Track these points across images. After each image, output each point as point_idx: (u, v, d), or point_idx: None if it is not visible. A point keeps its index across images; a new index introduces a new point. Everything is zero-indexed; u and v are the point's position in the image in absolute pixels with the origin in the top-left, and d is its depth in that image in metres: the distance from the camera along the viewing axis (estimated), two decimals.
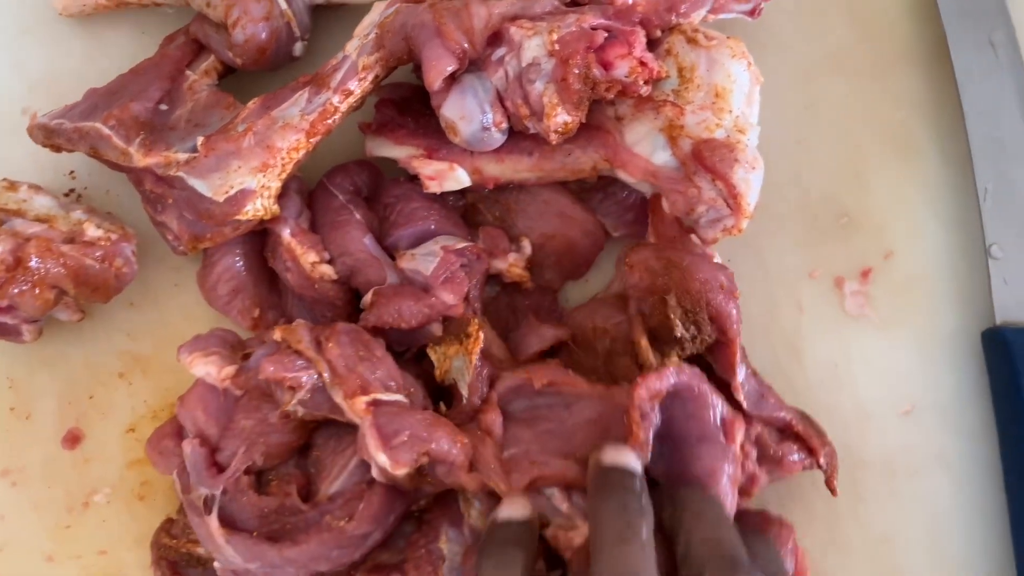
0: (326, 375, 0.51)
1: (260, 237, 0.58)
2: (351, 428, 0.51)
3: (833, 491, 0.56)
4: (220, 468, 0.53)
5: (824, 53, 0.64)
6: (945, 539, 0.59)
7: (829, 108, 0.63)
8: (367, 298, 0.54)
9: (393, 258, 0.56)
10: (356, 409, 0.50)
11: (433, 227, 0.56)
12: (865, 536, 0.59)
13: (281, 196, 0.55)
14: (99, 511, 0.59)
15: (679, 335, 0.52)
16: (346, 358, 0.51)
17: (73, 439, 0.59)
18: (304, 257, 0.55)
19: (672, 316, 0.52)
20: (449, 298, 0.53)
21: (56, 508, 0.59)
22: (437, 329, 0.54)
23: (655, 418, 0.51)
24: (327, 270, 0.55)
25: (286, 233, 0.56)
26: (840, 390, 0.61)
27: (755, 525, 0.55)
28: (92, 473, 0.59)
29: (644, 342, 0.53)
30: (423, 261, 0.54)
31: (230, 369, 0.53)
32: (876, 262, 0.62)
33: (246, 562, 0.52)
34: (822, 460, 0.55)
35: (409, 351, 0.58)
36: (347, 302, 0.56)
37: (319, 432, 0.54)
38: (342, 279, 0.55)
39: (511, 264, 0.57)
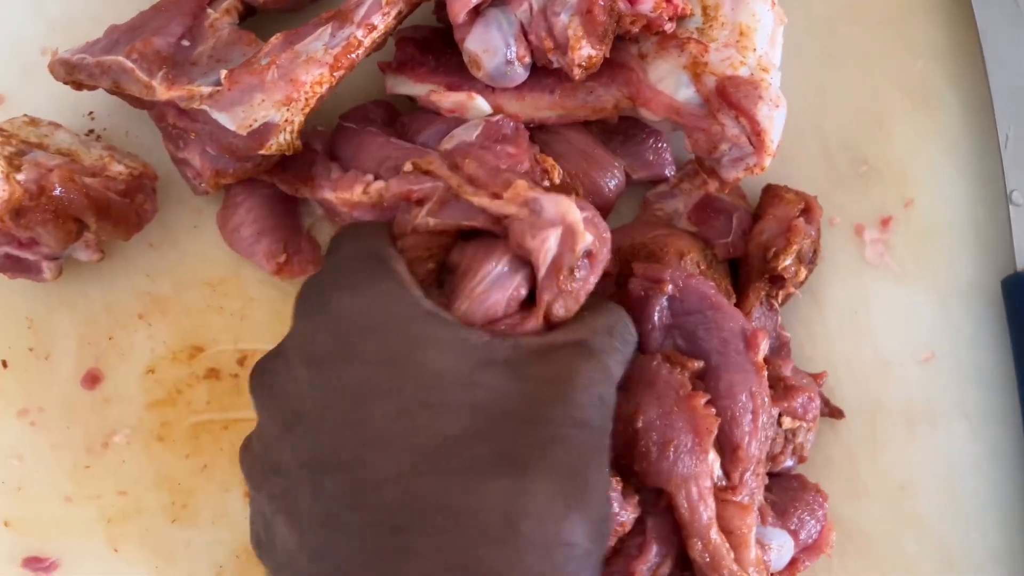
0: (464, 187, 0.50)
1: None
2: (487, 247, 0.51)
3: (840, 412, 0.59)
4: None
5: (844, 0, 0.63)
6: (963, 487, 0.60)
7: (849, 55, 0.63)
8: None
9: None
10: (517, 192, 0.49)
11: (456, 124, 0.56)
12: (883, 483, 0.59)
13: (315, 164, 0.55)
14: (119, 452, 0.59)
15: (784, 264, 0.56)
16: (487, 167, 0.50)
17: (93, 379, 0.59)
18: (355, 195, 0.54)
19: (791, 248, 0.56)
20: (512, 149, 0.53)
21: (75, 448, 0.59)
22: None
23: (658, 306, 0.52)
24: (378, 186, 0.53)
25: (329, 196, 0.55)
26: (860, 338, 0.61)
27: (790, 488, 0.55)
28: (111, 414, 0.59)
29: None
30: (466, 133, 0.54)
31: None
32: (896, 210, 0.62)
33: None
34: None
35: None
36: None
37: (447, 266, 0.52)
38: None
39: (540, 155, 0.55)
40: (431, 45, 0.58)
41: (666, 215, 0.60)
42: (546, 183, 0.56)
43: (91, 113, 0.61)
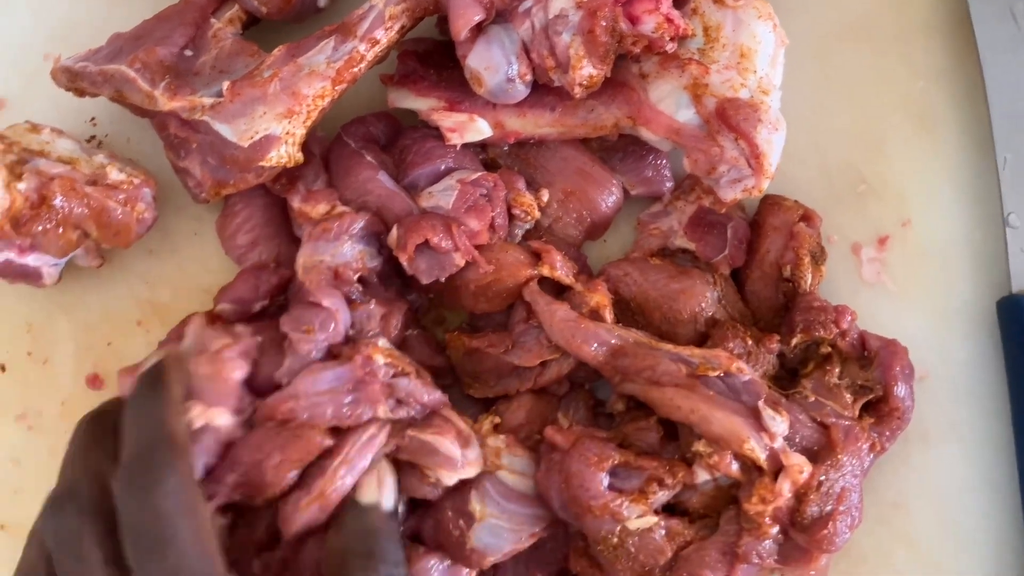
0: None
1: None
2: None
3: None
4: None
5: (846, 20, 0.63)
6: (956, 506, 0.60)
7: (850, 76, 0.63)
8: (392, 234, 0.54)
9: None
10: None
11: (451, 164, 0.57)
12: (876, 501, 0.59)
13: (307, 165, 0.56)
14: None
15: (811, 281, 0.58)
16: None
17: (96, 382, 0.59)
18: (315, 211, 0.55)
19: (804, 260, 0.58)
20: (474, 224, 0.53)
21: None
22: (460, 260, 0.54)
23: None
24: (344, 211, 0.55)
25: (296, 201, 0.56)
26: None
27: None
28: None
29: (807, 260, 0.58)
30: (443, 197, 0.54)
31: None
32: (894, 230, 0.62)
33: None
34: None
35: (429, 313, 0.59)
36: None
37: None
38: None
39: (518, 193, 0.56)
40: (433, 58, 0.58)
41: (662, 233, 0.60)
42: (528, 220, 0.57)
43: (93, 119, 0.61)
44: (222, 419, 0.50)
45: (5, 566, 0.58)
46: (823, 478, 0.53)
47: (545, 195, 0.58)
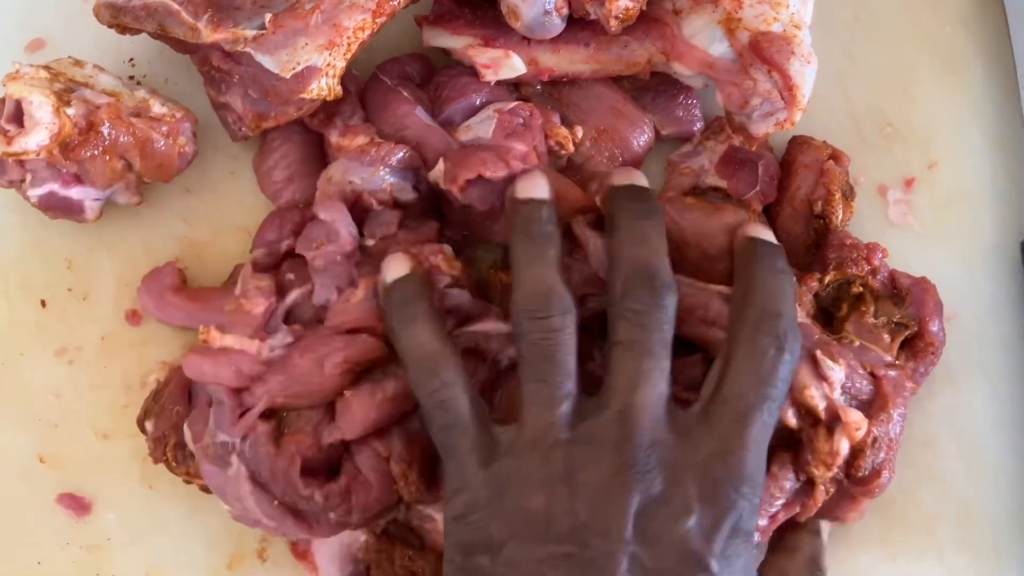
0: None
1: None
2: None
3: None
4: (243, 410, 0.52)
5: None
6: (982, 445, 0.61)
7: (876, 20, 0.64)
8: (437, 168, 0.55)
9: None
10: None
11: (486, 98, 0.57)
12: (904, 442, 0.59)
13: (344, 102, 0.56)
14: None
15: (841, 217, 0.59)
16: None
17: (136, 318, 0.60)
18: (354, 144, 0.56)
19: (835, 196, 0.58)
20: (520, 146, 0.54)
21: (112, 387, 0.60)
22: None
23: None
24: (383, 142, 0.56)
25: (334, 136, 0.57)
26: None
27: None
28: (149, 354, 0.60)
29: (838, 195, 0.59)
30: (481, 128, 0.55)
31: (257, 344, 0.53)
32: (920, 172, 0.63)
33: (267, 519, 0.52)
34: None
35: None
36: None
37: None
38: None
39: (553, 126, 0.57)
40: None
41: (693, 172, 0.61)
42: (563, 154, 0.58)
43: (131, 60, 0.62)
44: (243, 343, 0.52)
45: (47, 500, 0.59)
46: (876, 433, 0.54)
47: (580, 131, 0.58)
